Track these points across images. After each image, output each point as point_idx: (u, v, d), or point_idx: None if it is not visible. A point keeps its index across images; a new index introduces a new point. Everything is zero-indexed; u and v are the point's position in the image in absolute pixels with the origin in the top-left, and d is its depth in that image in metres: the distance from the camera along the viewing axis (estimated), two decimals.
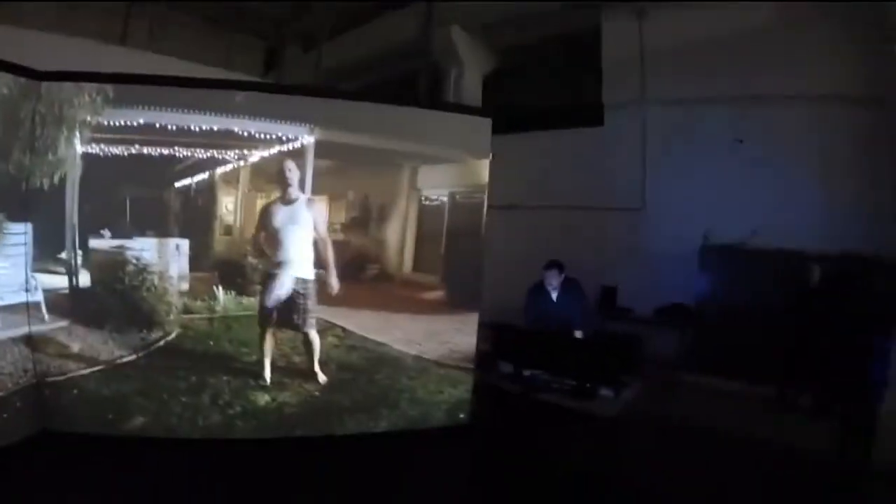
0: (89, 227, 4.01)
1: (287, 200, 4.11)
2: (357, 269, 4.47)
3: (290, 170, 4.10)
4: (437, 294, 4.63)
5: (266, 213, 4.15)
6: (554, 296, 5.51)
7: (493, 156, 4.49)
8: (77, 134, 3.86)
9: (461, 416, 4.52)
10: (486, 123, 4.53)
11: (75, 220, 3.97)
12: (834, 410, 4.52)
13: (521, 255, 5.40)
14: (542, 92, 7.60)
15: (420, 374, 4.47)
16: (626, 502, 4.19)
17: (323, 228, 4.19)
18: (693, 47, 6.19)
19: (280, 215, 4.11)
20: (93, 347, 3.97)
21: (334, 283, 4.16)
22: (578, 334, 5.35)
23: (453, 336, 4.58)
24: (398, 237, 4.57)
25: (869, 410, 4.31)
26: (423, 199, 4.61)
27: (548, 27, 7.68)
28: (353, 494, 3.96)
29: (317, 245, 4.17)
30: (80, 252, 4.04)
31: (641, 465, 4.55)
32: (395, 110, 4.44)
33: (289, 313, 4.16)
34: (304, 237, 4.13)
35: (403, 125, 4.43)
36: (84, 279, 4.05)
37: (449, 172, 4.71)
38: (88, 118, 3.86)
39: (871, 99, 5.60)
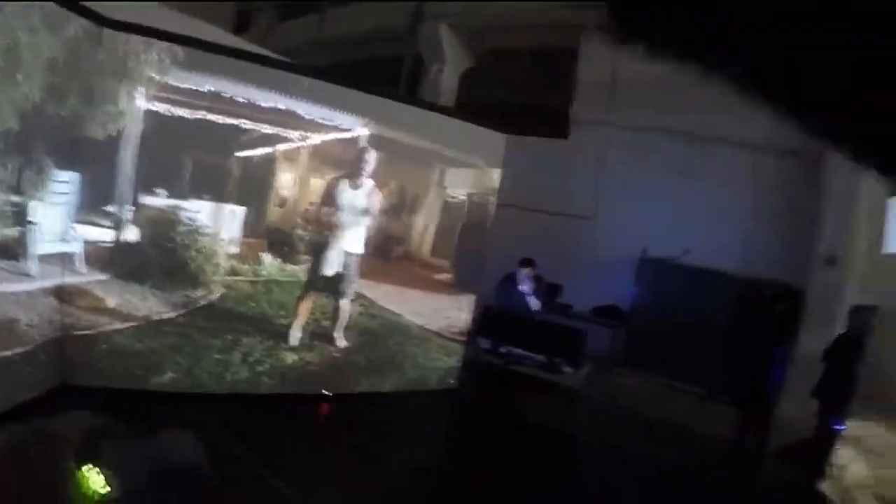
0: (144, 184, 4.07)
1: (356, 185, 4.59)
2: (387, 249, 5.03)
3: (368, 160, 4.57)
4: (447, 276, 5.36)
5: (333, 190, 4.57)
6: (523, 287, 6.35)
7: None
8: (141, 89, 3.85)
9: (451, 381, 5.30)
10: (501, 138, 5.30)
11: (130, 174, 4.00)
12: (741, 405, 5.80)
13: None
14: (513, 100, 8.26)
15: (423, 342, 5.18)
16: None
17: (374, 212, 4.70)
18: (660, 80, 7.06)
19: (346, 195, 4.56)
20: (130, 303, 4.01)
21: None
22: (538, 319, 6.26)
23: (454, 312, 5.35)
24: (423, 225, 5.17)
25: (767, 406, 5.62)
26: (447, 195, 5.24)
27: (531, 38, 8.39)
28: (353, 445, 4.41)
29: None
30: (131, 207, 4.08)
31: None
32: (433, 116, 5.02)
33: (335, 281, 4.64)
34: (359, 218, 4.64)
35: (438, 130, 5.03)
36: (131, 235, 4.11)
37: (469, 176, 5.38)
38: (154, 76, 3.85)
39: (802, 153, 6.83)
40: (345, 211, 4.57)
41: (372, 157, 4.57)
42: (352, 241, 4.64)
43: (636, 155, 7.50)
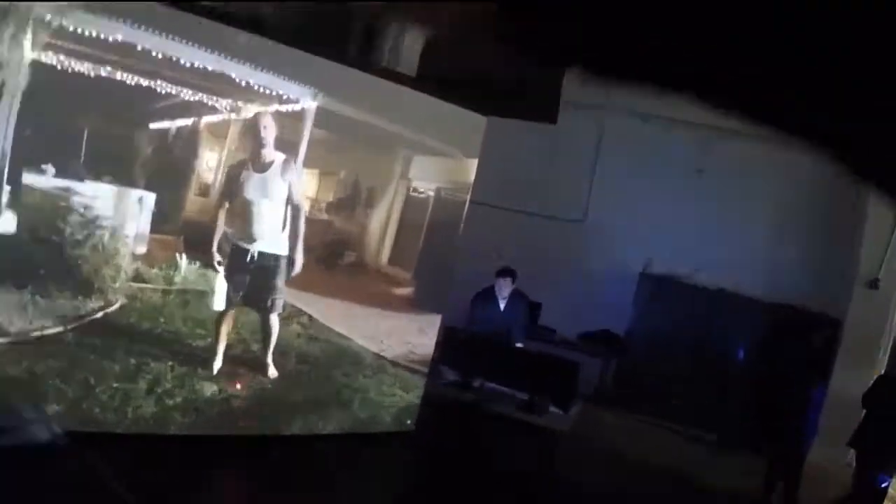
0: (26, 158, 3.37)
1: (260, 165, 3.70)
2: (335, 254, 4.31)
3: (265, 126, 3.69)
4: (407, 290, 4.67)
5: (233, 180, 3.74)
6: (502, 305, 5.52)
7: None
8: (28, 34, 3.18)
9: (408, 422, 4.55)
10: (482, 121, 4.55)
11: (7, 146, 3.26)
12: (765, 453, 5.17)
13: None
14: (488, 74, 7.49)
15: (376, 372, 4.47)
16: None
17: (299, 196, 3.87)
18: None
19: (251, 184, 3.70)
20: (3, 314, 3.32)
21: (299, 260, 3.87)
22: (519, 346, 5.43)
23: (415, 336, 4.65)
24: (381, 226, 4.46)
25: (798, 456, 4.95)
26: (411, 190, 4.58)
27: None
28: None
29: (289, 214, 3.85)
30: (6, 188, 3.35)
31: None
32: (401, 91, 4.24)
33: (254, 292, 3.82)
34: (277, 209, 3.79)
35: (405, 108, 4.29)
36: (7, 224, 3.39)
37: (439, 166, 4.72)
38: (48, 17, 3.18)
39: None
40: (254, 202, 3.71)
41: (270, 123, 3.69)
42: (271, 239, 3.78)
43: (639, 147, 6.70)
